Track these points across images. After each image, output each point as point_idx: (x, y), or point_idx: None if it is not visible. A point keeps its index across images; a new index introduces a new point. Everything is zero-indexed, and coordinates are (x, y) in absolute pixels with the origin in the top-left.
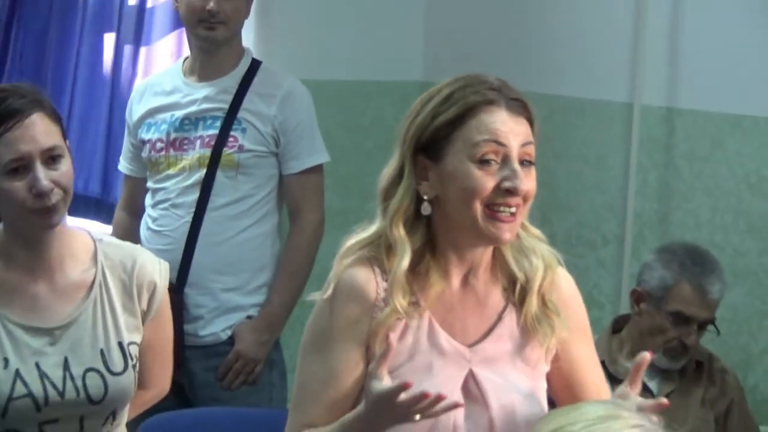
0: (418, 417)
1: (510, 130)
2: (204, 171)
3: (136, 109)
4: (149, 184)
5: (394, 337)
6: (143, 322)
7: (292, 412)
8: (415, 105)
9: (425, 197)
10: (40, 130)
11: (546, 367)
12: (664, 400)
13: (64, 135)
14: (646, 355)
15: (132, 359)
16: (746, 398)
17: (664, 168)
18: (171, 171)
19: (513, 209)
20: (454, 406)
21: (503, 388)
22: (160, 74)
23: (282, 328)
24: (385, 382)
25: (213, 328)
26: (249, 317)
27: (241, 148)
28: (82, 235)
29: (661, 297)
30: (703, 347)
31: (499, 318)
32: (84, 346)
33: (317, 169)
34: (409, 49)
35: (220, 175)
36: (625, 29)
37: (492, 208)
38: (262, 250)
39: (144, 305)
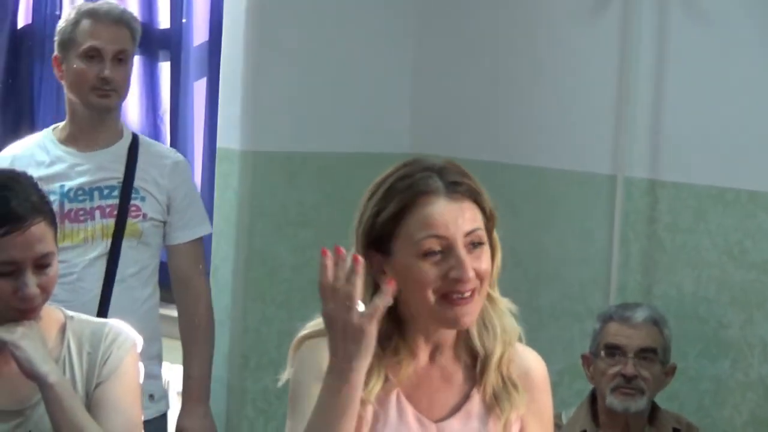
0: None
1: (450, 219)
2: (109, 241)
3: None
4: None
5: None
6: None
7: None
8: (363, 197)
9: None
10: (36, 238)
11: None
12: None
13: (56, 237)
14: None
15: None
16: None
17: (647, 240)
18: (68, 243)
19: (467, 294)
20: None
21: None
22: (27, 147)
23: (209, 395)
24: None
25: None
26: (151, 396)
27: (145, 217)
28: (54, 312)
29: (597, 345)
30: (683, 417)
31: (467, 396)
32: (47, 422)
33: (202, 237)
34: (395, 120)
35: (124, 244)
36: (608, 103)
37: (446, 296)
38: (155, 321)
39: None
